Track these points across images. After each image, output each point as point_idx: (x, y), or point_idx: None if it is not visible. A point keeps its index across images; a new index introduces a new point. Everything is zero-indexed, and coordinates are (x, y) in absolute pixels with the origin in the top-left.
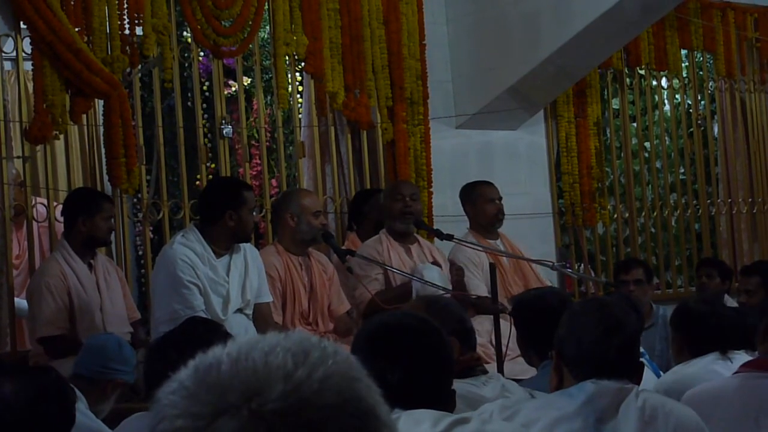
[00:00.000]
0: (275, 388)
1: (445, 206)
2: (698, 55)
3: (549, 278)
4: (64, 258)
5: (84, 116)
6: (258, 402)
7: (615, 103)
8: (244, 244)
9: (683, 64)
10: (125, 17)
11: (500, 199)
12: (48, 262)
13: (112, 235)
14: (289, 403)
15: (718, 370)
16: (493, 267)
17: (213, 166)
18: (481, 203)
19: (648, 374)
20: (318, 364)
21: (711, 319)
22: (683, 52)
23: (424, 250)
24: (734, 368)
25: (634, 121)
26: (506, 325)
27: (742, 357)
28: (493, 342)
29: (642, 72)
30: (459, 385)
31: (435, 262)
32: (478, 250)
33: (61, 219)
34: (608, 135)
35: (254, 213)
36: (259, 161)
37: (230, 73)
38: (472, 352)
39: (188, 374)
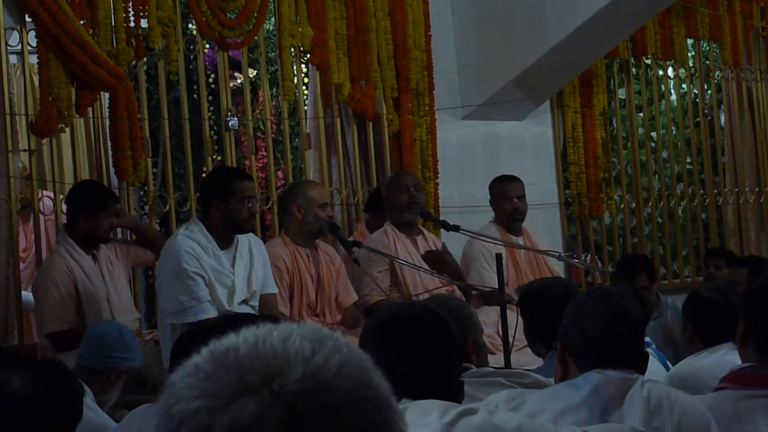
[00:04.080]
0: (295, 371)
1: (452, 197)
2: (704, 45)
3: (562, 273)
4: (68, 251)
5: (90, 109)
6: (279, 383)
7: (621, 93)
8: (249, 235)
9: (689, 54)
10: (130, 10)
11: (521, 197)
12: (52, 257)
13: (112, 233)
14: (309, 385)
15: (732, 360)
16: (498, 257)
17: (219, 158)
18: (500, 200)
19: (655, 365)
20: (334, 352)
21: (725, 309)
22: (689, 41)
23: (429, 242)
24: None
25: (640, 111)
26: (513, 316)
27: None
28: (500, 332)
29: (648, 62)
30: None
31: (437, 253)
32: (485, 241)
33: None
34: (614, 125)
35: (250, 203)
36: (265, 153)
37: (236, 65)
38: None
39: (204, 358)
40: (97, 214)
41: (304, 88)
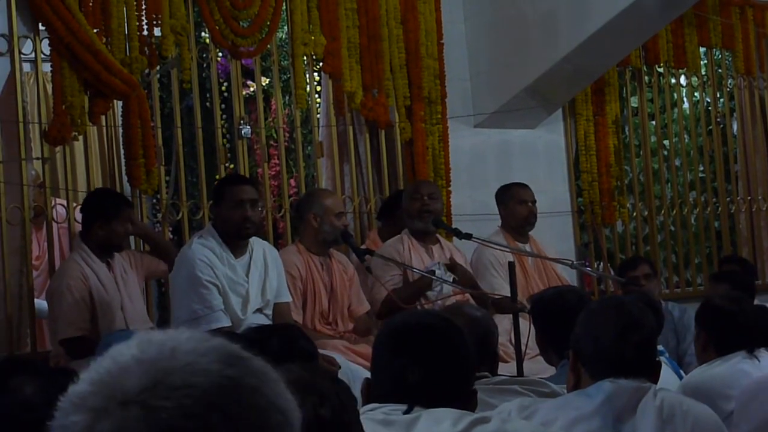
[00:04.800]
0: (172, 385)
1: (464, 205)
2: (717, 53)
3: (570, 279)
4: (83, 259)
5: (103, 117)
6: (155, 396)
7: (634, 101)
8: (264, 244)
9: (702, 62)
10: (143, 18)
11: (534, 202)
12: (67, 264)
13: (127, 239)
14: (183, 403)
15: (746, 369)
16: (511, 265)
17: (232, 166)
18: (513, 204)
19: (668, 373)
20: (224, 368)
21: (738, 317)
22: (702, 49)
23: (445, 252)
24: (762, 367)
25: (652, 119)
26: (525, 324)
27: (767, 355)
28: (513, 341)
29: (661, 70)
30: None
31: (452, 263)
32: (496, 249)
33: (80, 219)
34: (627, 133)
35: (244, 206)
36: (277, 161)
37: (248, 74)
38: None
39: (88, 372)
40: (111, 220)
41: (316, 96)
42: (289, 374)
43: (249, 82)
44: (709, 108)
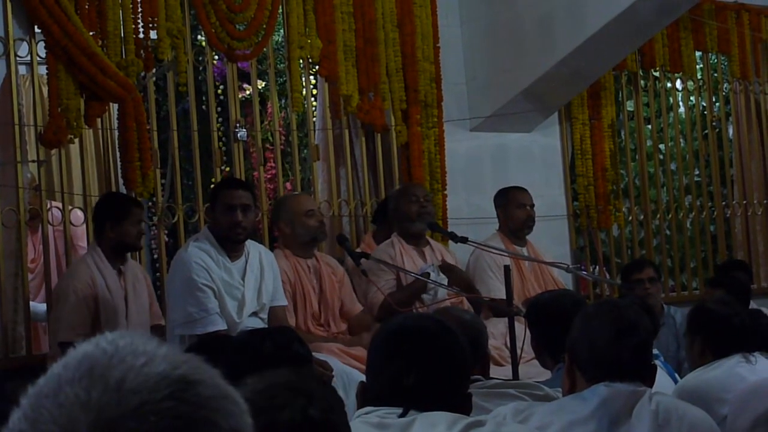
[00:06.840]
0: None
1: (460, 209)
2: (713, 57)
3: (566, 283)
4: (95, 263)
5: (99, 120)
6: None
7: (629, 105)
8: (260, 247)
9: (698, 66)
10: (139, 21)
11: (532, 206)
12: (78, 266)
13: (142, 240)
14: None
15: (741, 373)
16: (507, 269)
17: (228, 169)
18: (512, 208)
19: (663, 377)
20: (182, 399)
21: (733, 320)
22: (698, 53)
23: (436, 254)
24: (757, 371)
25: (648, 123)
26: (521, 328)
27: (762, 359)
28: (508, 344)
29: (656, 74)
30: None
31: (446, 265)
32: (492, 252)
33: (77, 223)
34: (623, 137)
35: (235, 211)
36: (273, 164)
37: (244, 77)
38: None
39: (30, 408)
40: (121, 221)
41: (312, 99)
42: (278, 377)
43: (245, 85)
44: (705, 112)
